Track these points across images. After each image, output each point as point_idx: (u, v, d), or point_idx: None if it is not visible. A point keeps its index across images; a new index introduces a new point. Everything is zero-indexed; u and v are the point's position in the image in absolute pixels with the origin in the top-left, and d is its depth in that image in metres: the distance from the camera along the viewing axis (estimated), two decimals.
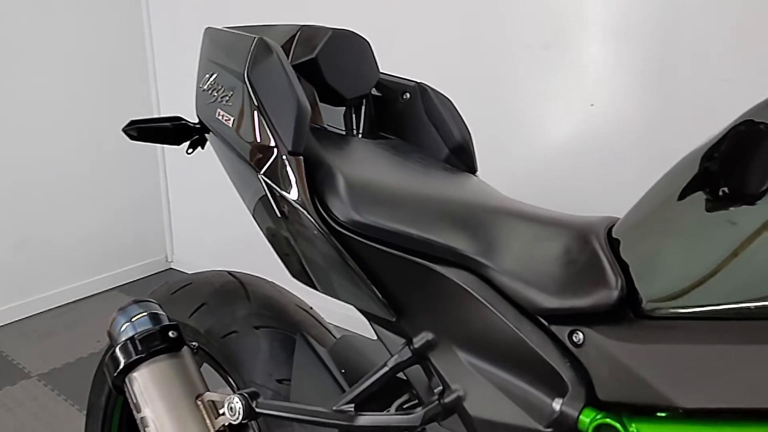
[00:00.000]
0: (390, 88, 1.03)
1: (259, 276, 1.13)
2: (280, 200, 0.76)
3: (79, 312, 2.39)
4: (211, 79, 0.85)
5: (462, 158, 0.98)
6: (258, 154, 0.77)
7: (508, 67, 1.85)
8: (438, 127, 0.99)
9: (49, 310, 2.46)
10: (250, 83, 0.77)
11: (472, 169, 0.99)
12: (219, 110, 0.82)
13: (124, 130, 0.91)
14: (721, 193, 0.53)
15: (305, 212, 0.74)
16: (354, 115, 1.00)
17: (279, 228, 0.80)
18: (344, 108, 1.00)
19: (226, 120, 0.81)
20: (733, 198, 0.52)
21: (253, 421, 0.86)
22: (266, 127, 0.76)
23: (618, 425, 0.57)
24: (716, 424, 0.52)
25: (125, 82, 2.53)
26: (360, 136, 0.98)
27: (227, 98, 0.81)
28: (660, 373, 0.55)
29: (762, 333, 0.49)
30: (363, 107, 1.00)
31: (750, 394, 0.49)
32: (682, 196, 0.56)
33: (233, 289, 1.07)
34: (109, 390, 1.19)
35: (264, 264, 1.18)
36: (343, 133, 0.98)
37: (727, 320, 0.52)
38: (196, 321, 1.03)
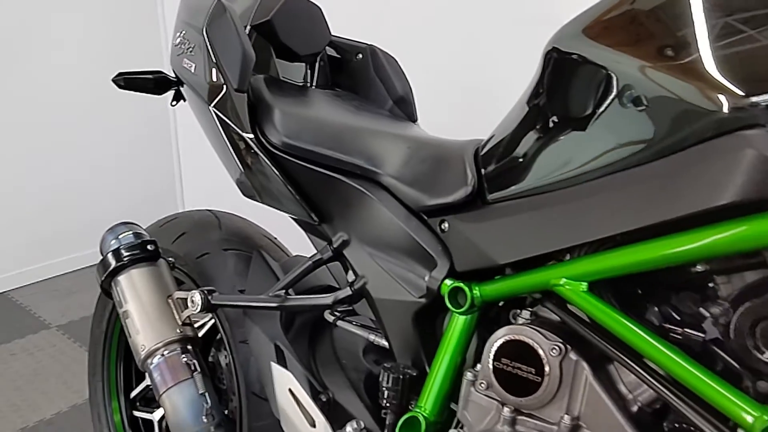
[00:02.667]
0: (346, 49, 1.23)
1: (236, 214, 1.34)
2: (227, 128, 0.98)
3: None
4: (180, 35, 1.07)
5: (403, 108, 1.18)
6: (212, 92, 0.98)
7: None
8: (384, 82, 1.19)
9: (72, 271, 2.74)
10: (207, 36, 0.99)
11: (412, 118, 1.18)
12: (185, 60, 1.04)
13: (114, 80, 1.13)
14: (551, 124, 0.70)
15: (246, 138, 0.95)
16: (309, 71, 1.20)
17: (228, 153, 1.01)
18: (303, 64, 1.20)
19: (190, 67, 1.03)
20: (561, 125, 0.68)
21: (214, 318, 1.08)
22: (218, 71, 0.97)
23: (465, 287, 0.76)
24: (527, 274, 0.70)
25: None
26: (314, 87, 1.19)
27: (191, 50, 1.03)
28: (492, 242, 0.74)
29: (552, 201, 0.67)
30: (317, 64, 1.20)
31: (552, 241, 0.66)
32: (519, 124, 0.73)
33: (209, 222, 1.29)
34: (108, 317, 1.43)
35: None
36: (300, 84, 1.19)
37: (535, 195, 0.70)
38: (176, 246, 1.25)
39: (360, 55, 1.21)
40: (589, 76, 0.63)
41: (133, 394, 1.41)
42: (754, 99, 0.48)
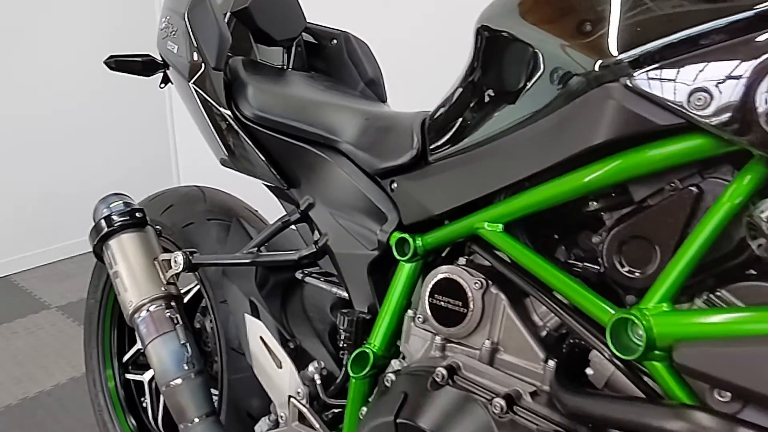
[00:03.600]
0: (321, 35, 1.34)
1: (221, 189, 1.46)
2: (206, 103, 1.09)
3: None
4: (165, 20, 1.18)
5: (374, 90, 1.29)
6: (192, 71, 1.10)
7: None
8: (356, 66, 1.30)
9: (72, 257, 2.87)
10: (188, 20, 1.10)
11: (382, 99, 1.29)
12: (169, 42, 1.16)
13: (105, 62, 1.25)
14: (486, 98, 0.80)
15: (222, 111, 1.07)
16: (286, 54, 1.32)
17: (207, 126, 1.13)
18: (281, 49, 1.32)
19: (173, 49, 1.14)
20: (493, 97, 0.78)
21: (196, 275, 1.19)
22: (197, 51, 1.08)
23: (409, 238, 0.87)
24: (458, 222, 0.81)
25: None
26: (290, 69, 1.30)
27: (174, 33, 1.14)
28: (430, 196, 0.85)
29: (476, 158, 0.78)
30: (294, 49, 1.32)
31: (475, 190, 0.77)
32: (458, 97, 0.84)
33: (195, 196, 1.40)
34: (102, 287, 1.54)
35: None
36: (276, 66, 1.30)
37: (463, 154, 0.81)
38: (164, 217, 1.36)
39: (335, 41, 1.32)
40: (517, 53, 0.73)
41: (125, 358, 1.53)
42: (612, 59, 0.59)
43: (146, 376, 1.48)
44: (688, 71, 0.54)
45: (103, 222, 1.21)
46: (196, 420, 1.10)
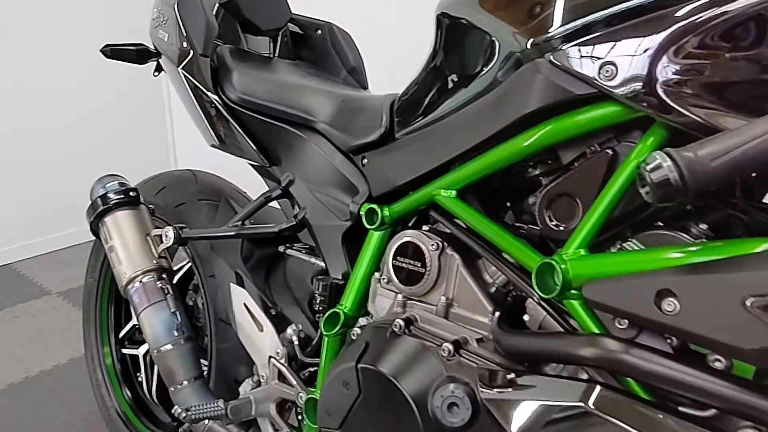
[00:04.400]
0: (307, 26, 1.43)
1: (212, 173, 1.55)
2: (194, 87, 1.18)
3: None
4: (157, 11, 1.28)
5: (355, 77, 1.38)
6: (181, 57, 1.19)
7: None
8: (339, 55, 1.39)
9: (72, 246, 2.96)
10: (177, 10, 1.19)
11: (363, 85, 1.38)
12: (160, 31, 1.25)
13: (101, 50, 1.34)
14: (448, 81, 0.89)
15: (209, 95, 1.16)
16: (272, 44, 1.41)
17: (196, 109, 1.22)
18: (268, 39, 1.41)
19: (164, 37, 1.24)
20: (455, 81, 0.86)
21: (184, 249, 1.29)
22: (186, 39, 1.18)
23: (377, 208, 0.96)
24: (418, 191, 0.90)
25: None
26: (275, 58, 1.39)
27: (165, 22, 1.24)
28: (395, 168, 0.94)
29: (433, 132, 0.87)
30: (279, 38, 1.41)
31: (431, 160, 0.86)
32: (422, 80, 0.93)
33: (187, 178, 1.50)
34: (100, 267, 1.64)
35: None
36: (262, 54, 1.39)
37: (423, 129, 0.90)
38: (158, 198, 1.46)
39: (319, 31, 1.41)
40: (474, 39, 0.81)
41: (122, 334, 1.63)
42: (541, 38, 0.68)
43: (141, 350, 1.57)
44: (599, 47, 0.63)
45: (99, 200, 1.30)
46: (185, 383, 1.19)
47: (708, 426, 0.55)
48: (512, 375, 0.67)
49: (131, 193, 1.32)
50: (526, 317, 0.76)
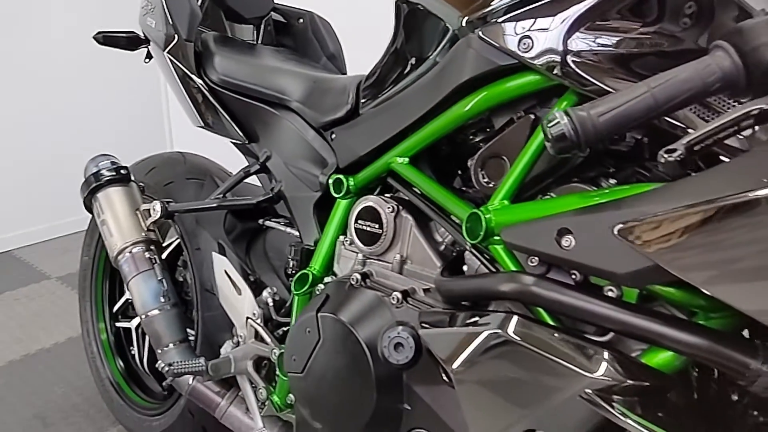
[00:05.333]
0: (290, 15, 1.54)
1: (201, 155, 1.66)
2: (179, 70, 1.29)
3: None
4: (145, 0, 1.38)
5: (334, 63, 1.48)
6: (167, 42, 1.29)
7: None
8: (319, 42, 1.50)
9: (72, 233, 3.07)
10: None
11: (342, 71, 1.48)
12: (148, 18, 1.35)
13: (94, 37, 1.45)
14: (405, 61, 0.99)
15: (192, 77, 1.26)
16: (256, 32, 1.51)
17: (180, 91, 1.32)
18: (251, 27, 1.51)
19: (152, 24, 1.34)
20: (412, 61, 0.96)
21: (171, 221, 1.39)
22: (171, 25, 1.28)
23: (343, 178, 1.06)
24: (378, 161, 1.00)
25: None
26: (259, 44, 1.50)
27: (152, 10, 1.34)
28: (358, 140, 1.04)
29: (390, 107, 0.97)
30: (262, 26, 1.51)
31: (387, 131, 0.96)
32: (385, 62, 1.02)
33: (176, 159, 1.60)
34: (95, 245, 1.74)
35: None
36: (246, 41, 1.49)
37: (383, 104, 1.00)
38: (148, 177, 1.56)
39: (301, 20, 1.52)
40: (428, 23, 0.91)
41: (115, 308, 1.73)
42: (474, 15, 0.78)
43: (133, 324, 1.67)
44: (519, 24, 0.73)
45: (92, 177, 1.41)
46: (171, 345, 1.30)
47: (614, 350, 0.65)
48: (447, 314, 0.77)
49: (122, 171, 1.42)
50: (465, 267, 0.86)
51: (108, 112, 3.14)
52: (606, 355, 0.62)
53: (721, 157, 0.62)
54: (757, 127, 0.58)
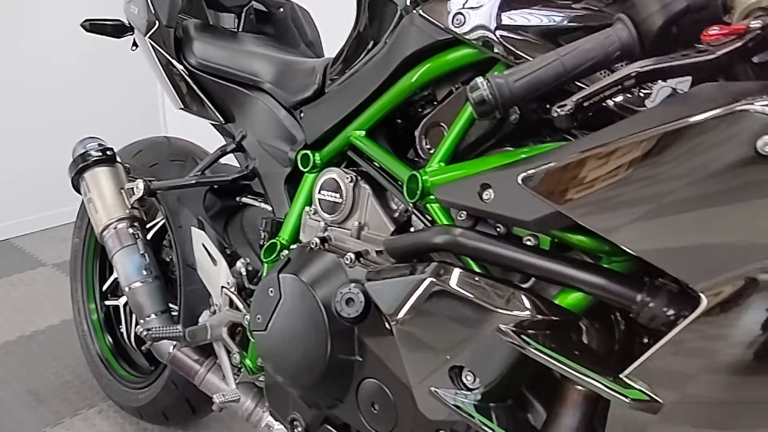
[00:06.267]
0: (270, 4, 1.62)
1: (185, 139, 1.74)
2: (160, 55, 1.37)
3: None
4: None
5: (312, 50, 1.57)
6: (148, 28, 1.38)
7: None
8: (298, 30, 1.58)
9: (69, 223, 3.15)
10: None
11: (319, 57, 1.56)
12: (132, 6, 1.44)
13: (81, 24, 1.53)
14: (368, 44, 1.07)
15: (173, 61, 1.35)
16: (237, 19, 1.59)
17: (162, 75, 1.41)
18: (233, 15, 1.59)
19: (134, 11, 1.42)
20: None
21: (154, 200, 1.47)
22: (152, 12, 1.36)
23: (310, 153, 1.14)
24: (340, 135, 1.08)
25: None
26: (240, 32, 1.58)
27: None
28: (323, 117, 1.12)
29: (348, 84, 1.05)
30: (243, 14, 1.59)
31: (346, 107, 1.04)
32: (348, 45, 1.11)
33: (161, 142, 1.69)
34: (85, 227, 1.83)
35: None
36: (227, 29, 1.57)
37: (343, 83, 1.08)
38: (134, 160, 1.64)
39: (281, 9, 1.60)
40: (386, 8, 0.99)
41: (104, 287, 1.82)
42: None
43: (121, 301, 1.76)
44: (454, 1, 0.81)
45: (79, 158, 1.49)
46: (153, 315, 1.38)
47: (534, 294, 0.73)
48: (391, 269, 0.85)
49: (108, 153, 1.51)
50: (412, 229, 0.93)
51: (104, 101, 3.23)
52: (520, 295, 0.70)
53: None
54: (665, 92, 0.66)
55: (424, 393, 0.78)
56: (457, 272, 0.75)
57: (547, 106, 0.80)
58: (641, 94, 0.70)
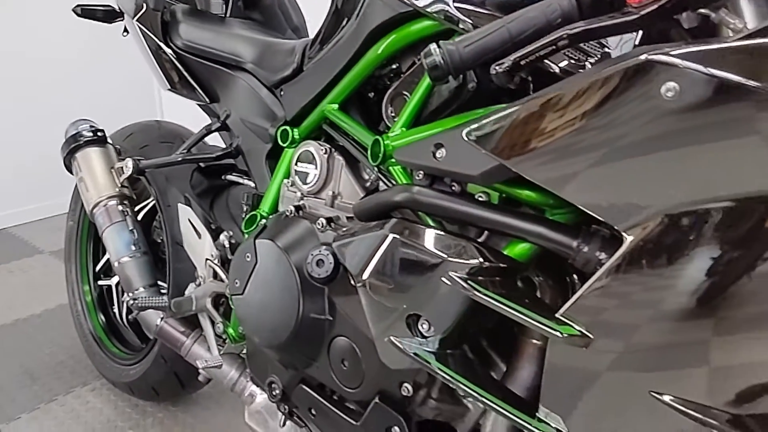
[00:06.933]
0: None
1: (175, 122, 1.80)
2: (147, 37, 1.43)
3: None
4: None
5: (297, 35, 1.62)
6: (136, 11, 1.44)
7: None
8: (284, 15, 1.64)
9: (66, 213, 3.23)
10: None
11: None
12: None
13: (73, 10, 1.59)
14: (342, 22, 1.13)
15: (159, 43, 1.40)
16: (225, 5, 1.65)
17: (150, 58, 1.46)
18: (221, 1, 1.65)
19: None
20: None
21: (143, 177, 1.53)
22: None
23: (289, 128, 1.20)
24: (316, 109, 1.14)
25: None
26: (227, 17, 1.64)
27: None
28: (300, 93, 1.18)
29: (321, 61, 1.11)
30: (231, 0, 1.65)
31: (321, 81, 1.10)
32: (324, 25, 1.17)
33: (151, 125, 1.75)
34: (79, 211, 1.89)
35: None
36: (216, 14, 1.63)
37: (317, 61, 1.13)
38: (126, 142, 1.70)
39: None
40: None
41: (98, 268, 1.88)
42: None
43: (113, 281, 1.82)
44: None
45: (71, 138, 1.56)
46: (141, 288, 1.44)
47: (484, 246, 0.78)
48: (357, 229, 0.91)
49: (99, 134, 1.57)
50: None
51: (101, 91, 3.29)
52: (470, 245, 0.76)
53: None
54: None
55: (386, 344, 0.83)
56: (413, 226, 0.81)
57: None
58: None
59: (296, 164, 1.14)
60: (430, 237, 0.79)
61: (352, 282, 0.92)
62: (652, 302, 0.61)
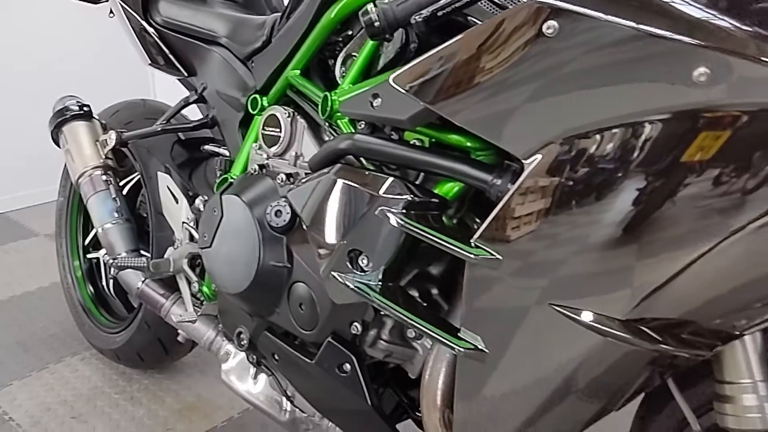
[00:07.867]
0: None
1: (160, 101, 1.89)
2: (129, 15, 1.52)
3: None
4: None
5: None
6: None
7: None
8: None
9: None
10: None
11: None
12: None
13: None
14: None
15: (140, 20, 1.50)
16: None
17: (132, 34, 1.56)
18: None
19: None
20: None
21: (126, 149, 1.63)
22: None
23: (258, 96, 1.28)
24: (283, 76, 1.23)
25: None
26: None
27: None
28: (268, 62, 1.26)
29: (287, 31, 1.20)
30: None
31: (285, 49, 1.19)
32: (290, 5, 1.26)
33: (137, 103, 1.84)
34: (69, 187, 1.98)
35: None
36: None
37: (286, 33, 1.22)
38: (112, 119, 1.80)
39: None
40: None
41: (86, 241, 1.97)
42: None
43: (101, 253, 1.91)
44: None
45: (59, 112, 1.65)
46: (123, 254, 1.53)
47: (416, 185, 0.87)
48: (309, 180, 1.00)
49: (85, 109, 1.66)
50: None
51: (94, 71, 3.36)
52: (402, 183, 0.84)
53: None
54: None
55: (331, 280, 0.92)
56: (354, 170, 0.90)
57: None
58: None
59: (263, 129, 1.23)
60: (367, 178, 0.88)
61: (305, 227, 1.01)
62: (549, 221, 0.69)
